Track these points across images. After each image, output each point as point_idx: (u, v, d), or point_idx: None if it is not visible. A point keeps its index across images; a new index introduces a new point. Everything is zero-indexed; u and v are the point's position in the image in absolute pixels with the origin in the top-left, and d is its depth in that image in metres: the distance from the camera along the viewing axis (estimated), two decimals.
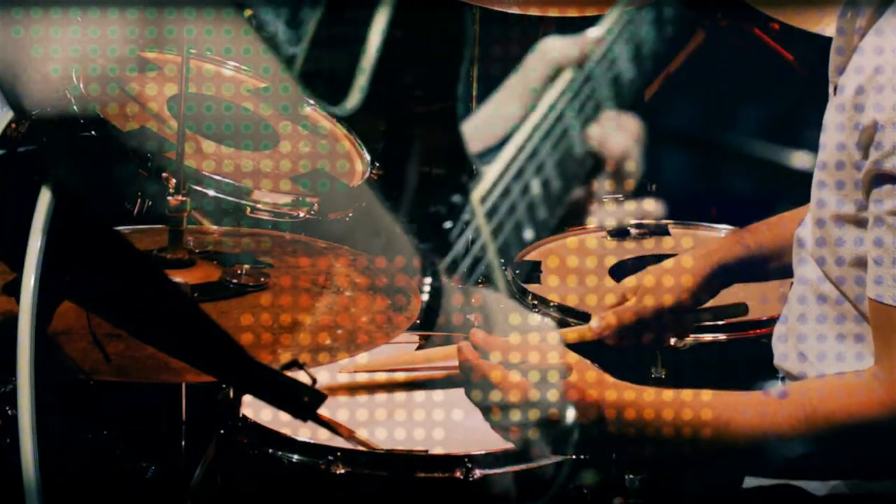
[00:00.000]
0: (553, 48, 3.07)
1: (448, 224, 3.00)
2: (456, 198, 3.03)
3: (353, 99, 3.19)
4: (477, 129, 3.16)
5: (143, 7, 2.80)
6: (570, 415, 2.11)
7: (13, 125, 2.15)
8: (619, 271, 3.13)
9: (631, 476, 2.51)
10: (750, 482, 2.44)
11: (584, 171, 3.08)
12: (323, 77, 3.26)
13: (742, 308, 2.73)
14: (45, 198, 1.86)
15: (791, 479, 2.35)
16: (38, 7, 2.33)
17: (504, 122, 3.10)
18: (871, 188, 2.15)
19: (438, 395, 2.47)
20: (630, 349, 2.66)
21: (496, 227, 3.01)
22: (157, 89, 3.08)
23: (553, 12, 3.52)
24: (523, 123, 3.09)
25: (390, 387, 2.26)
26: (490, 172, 3.07)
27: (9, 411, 2.68)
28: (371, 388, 2.29)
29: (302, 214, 2.92)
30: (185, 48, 2.64)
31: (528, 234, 3.06)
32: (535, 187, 3.03)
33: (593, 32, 3.08)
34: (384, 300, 2.54)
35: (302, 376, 1.94)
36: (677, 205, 3.93)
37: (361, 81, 3.20)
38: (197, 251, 2.64)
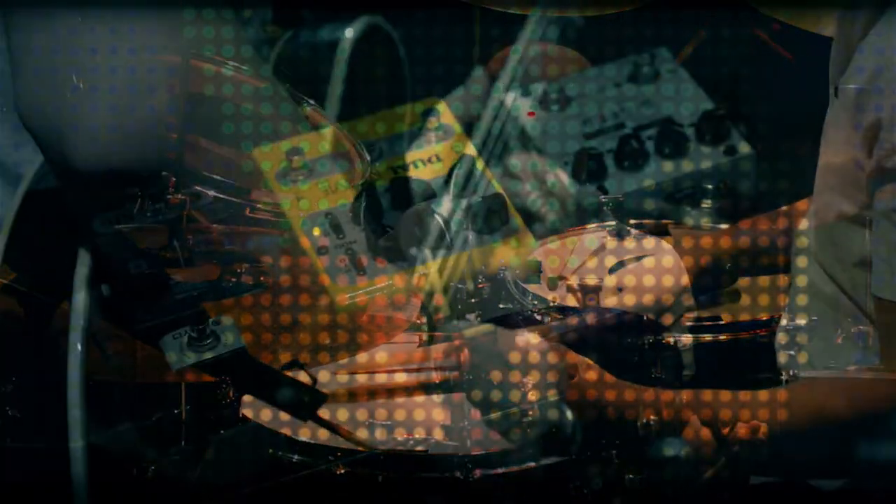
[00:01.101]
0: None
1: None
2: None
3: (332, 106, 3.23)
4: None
5: (144, 7, 2.80)
6: (571, 415, 2.11)
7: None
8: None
9: (631, 476, 2.51)
10: (755, 480, 2.44)
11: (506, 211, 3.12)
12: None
13: (735, 295, 2.73)
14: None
15: (796, 477, 2.35)
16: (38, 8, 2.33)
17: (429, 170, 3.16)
18: (872, 187, 2.16)
19: (438, 395, 2.47)
20: (629, 347, 2.66)
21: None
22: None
23: (552, 13, 3.52)
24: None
25: (390, 392, 2.26)
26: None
27: (8, 412, 2.68)
28: (371, 393, 2.28)
29: (302, 214, 2.92)
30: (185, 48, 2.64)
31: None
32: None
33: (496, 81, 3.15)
34: (384, 299, 2.54)
35: (302, 376, 1.95)
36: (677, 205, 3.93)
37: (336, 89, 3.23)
38: (197, 250, 2.64)
